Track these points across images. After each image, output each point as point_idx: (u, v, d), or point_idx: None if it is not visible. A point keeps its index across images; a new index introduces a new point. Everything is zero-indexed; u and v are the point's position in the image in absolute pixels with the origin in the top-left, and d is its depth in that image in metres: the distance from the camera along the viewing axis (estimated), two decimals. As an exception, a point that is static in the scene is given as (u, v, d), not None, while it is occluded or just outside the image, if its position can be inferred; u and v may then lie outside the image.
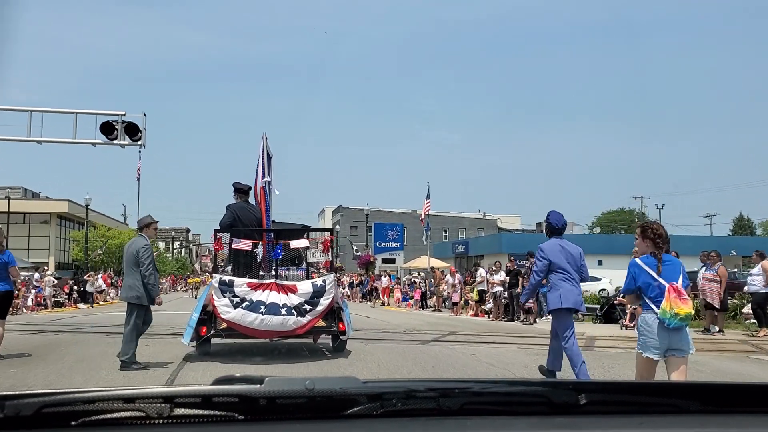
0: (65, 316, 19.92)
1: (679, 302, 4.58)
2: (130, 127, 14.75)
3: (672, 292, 4.61)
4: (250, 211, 9.30)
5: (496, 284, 18.25)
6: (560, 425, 1.17)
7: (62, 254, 47.28)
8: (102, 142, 14.87)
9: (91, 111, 15.29)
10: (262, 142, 9.65)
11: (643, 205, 61.29)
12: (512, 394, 1.22)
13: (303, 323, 8.11)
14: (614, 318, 15.79)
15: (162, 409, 1.14)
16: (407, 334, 12.77)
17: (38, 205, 47.44)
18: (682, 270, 4.84)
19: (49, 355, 9.23)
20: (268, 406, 1.17)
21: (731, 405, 1.22)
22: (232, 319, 8.03)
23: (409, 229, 49.33)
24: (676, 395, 1.26)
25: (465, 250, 44.59)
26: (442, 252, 45.67)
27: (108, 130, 14.60)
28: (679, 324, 4.61)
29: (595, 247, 33.68)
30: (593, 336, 12.40)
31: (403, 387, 1.20)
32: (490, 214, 72.21)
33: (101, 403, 1.15)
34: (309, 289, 8.30)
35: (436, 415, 1.18)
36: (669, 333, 4.62)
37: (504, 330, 14.37)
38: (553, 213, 6.88)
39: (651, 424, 1.16)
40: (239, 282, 8.24)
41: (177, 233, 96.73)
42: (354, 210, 64.53)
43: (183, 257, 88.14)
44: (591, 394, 1.20)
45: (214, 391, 1.18)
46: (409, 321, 17.41)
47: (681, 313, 4.57)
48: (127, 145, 15.03)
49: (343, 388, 1.18)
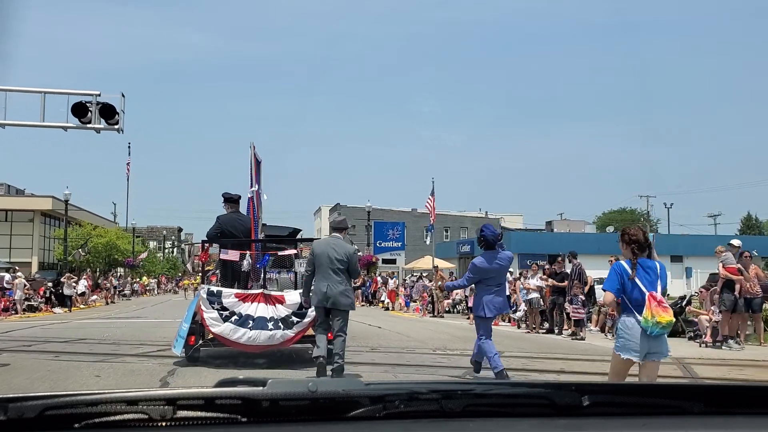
0: (27, 325, 17.55)
1: (660, 311, 4.92)
2: (106, 109, 13.55)
3: (652, 301, 4.95)
4: (239, 220, 9.69)
5: (532, 289, 16.03)
6: (563, 427, 1.22)
7: (46, 254, 47.19)
8: (74, 126, 13.70)
9: (61, 90, 14.00)
10: (251, 151, 10.07)
11: (648, 205, 61.91)
12: (515, 396, 1.27)
13: (290, 336, 8.53)
14: (680, 331, 13.21)
15: (165, 411, 1.19)
16: (441, 356, 10.52)
17: (21, 202, 47.26)
18: (661, 275, 5.15)
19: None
20: (271, 408, 1.22)
21: (734, 406, 1.28)
22: (220, 332, 8.44)
23: (409, 229, 49.28)
24: (679, 397, 1.31)
25: (470, 250, 44.49)
26: (446, 252, 45.67)
27: (81, 111, 13.37)
28: (660, 332, 4.96)
29: (608, 248, 33.65)
30: (681, 358, 9.73)
31: (406, 389, 1.25)
32: (492, 213, 72.55)
33: (104, 406, 1.20)
34: (297, 300, 8.62)
35: (439, 417, 1.23)
36: (649, 338, 4.95)
37: (558, 348, 11.96)
38: (487, 227, 7.93)
39: (654, 426, 1.21)
40: (227, 293, 8.66)
41: (169, 232, 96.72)
42: (352, 209, 64.54)
43: (174, 257, 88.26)
44: (594, 395, 1.25)
45: (217, 393, 1.24)
46: (431, 333, 15.03)
47: (662, 322, 4.91)
48: (103, 130, 13.86)
49: (345, 389, 1.24)
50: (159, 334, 13.01)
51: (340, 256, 7.44)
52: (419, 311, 24.82)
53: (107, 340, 12.42)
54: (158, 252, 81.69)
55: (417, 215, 62.88)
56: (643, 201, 61.69)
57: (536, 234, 48.06)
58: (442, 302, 23.40)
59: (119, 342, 11.84)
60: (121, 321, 18.74)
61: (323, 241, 8.27)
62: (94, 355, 9.87)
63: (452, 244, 49.78)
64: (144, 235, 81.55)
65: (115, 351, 10.30)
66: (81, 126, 13.64)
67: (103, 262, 46.53)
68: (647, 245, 5.26)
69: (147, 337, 12.74)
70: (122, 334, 13.52)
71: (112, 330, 14.85)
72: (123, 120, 13.93)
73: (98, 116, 13.56)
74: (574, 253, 15.33)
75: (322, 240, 8.52)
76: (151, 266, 63.10)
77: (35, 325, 17.50)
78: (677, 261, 37.72)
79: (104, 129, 13.83)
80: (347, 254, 7.53)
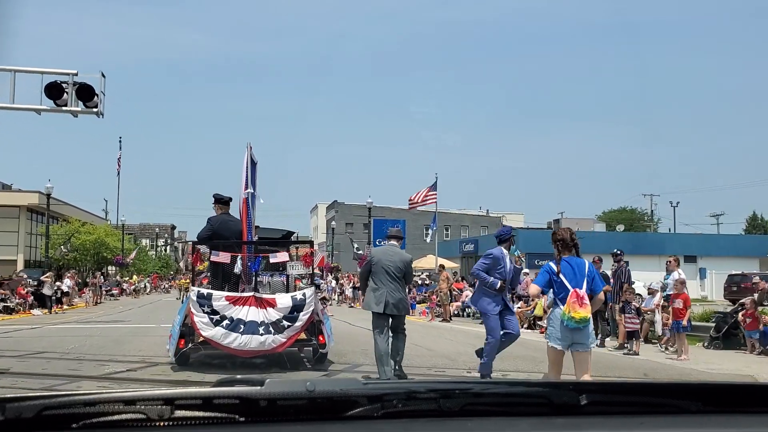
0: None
1: (578, 307, 5.60)
2: (84, 90, 12.67)
3: (573, 297, 5.65)
4: (230, 223, 9.87)
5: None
6: (561, 426, 1.27)
7: (32, 251, 47.07)
8: (48, 109, 12.83)
9: (33, 69, 13.10)
10: (247, 152, 10.15)
11: (652, 203, 62.54)
12: (513, 395, 1.33)
13: (281, 341, 8.77)
14: (734, 338, 12.94)
15: (163, 411, 1.23)
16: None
17: (5, 197, 46.85)
18: (588, 273, 5.88)
19: None
20: (269, 408, 1.26)
21: (731, 405, 1.33)
22: (211, 336, 8.66)
23: (408, 227, 49.22)
24: (677, 395, 1.36)
25: (474, 249, 44.44)
26: (448, 251, 45.64)
27: (55, 92, 12.54)
28: (575, 326, 5.65)
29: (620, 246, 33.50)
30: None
31: (404, 388, 1.31)
32: (493, 212, 72.97)
33: (102, 406, 1.24)
34: (288, 303, 8.92)
35: (437, 416, 1.28)
36: (574, 331, 5.69)
37: (610, 366, 10.26)
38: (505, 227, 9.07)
39: (651, 425, 1.27)
40: (218, 295, 8.84)
41: (162, 230, 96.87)
42: (350, 206, 64.55)
43: (167, 255, 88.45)
44: (592, 394, 1.31)
45: (215, 393, 1.28)
46: (454, 345, 13.43)
47: (576, 317, 5.60)
48: (81, 113, 13.00)
49: (343, 389, 1.28)
50: (135, 345, 12.24)
51: (398, 265, 8.18)
52: (426, 314, 23.77)
53: (70, 353, 11.09)
54: (151, 250, 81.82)
55: (416, 213, 62.84)
56: (646, 200, 62.25)
57: (544, 233, 47.99)
58: (451, 305, 22.45)
59: (83, 357, 10.61)
60: (97, 327, 17.41)
61: (382, 248, 8.86)
62: (43, 378, 8.58)
63: (454, 243, 49.75)
64: (136, 232, 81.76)
65: (73, 371, 9.23)
66: (56, 109, 12.85)
67: (92, 260, 46.48)
68: (573, 245, 6.03)
69: (119, 349, 11.64)
70: (90, 346, 12.21)
71: (81, 339, 13.44)
72: (103, 102, 13.15)
73: (75, 98, 12.75)
74: (617, 253, 14.23)
75: (381, 247, 9.09)
76: (142, 265, 63.13)
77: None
78: (691, 261, 37.63)
79: (82, 112, 13.01)
80: (404, 263, 8.29)
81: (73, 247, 43.14)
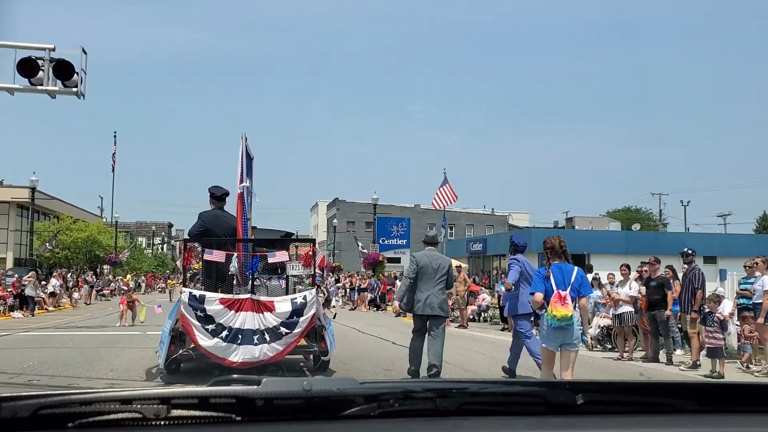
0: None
1: (559, 306, 6.24)
2: (62, 66, 11.86)
3: (555, 298, 6.30)
4: (223, 218, 9.56)
5: (624, 301, 12.88)
6: (558, 425, 1.33)
7: (23, 249, 47.05)
8: (22, 88, 11.99)
9: (6, 43, 12.21)
10: (242, 143, 9.90)
11: (661, 202, 63.02)
12: (510, 395, 1.38)
13: (279, 350, 8.49)
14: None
15: (159, 410, 1.28)
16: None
17: (-6, 192, 47.17)
18: (575, 277, 6.49)
19: None
20: (266, 407, 1.31)
21: (727, 405, 1.39)
22: (207, 347, 8.38)
23: (412, 225, 49.20)
24: (673, 395, 1.42)
25: (482, 248, 44.30)
26: (454, 250, 45.47)
27: (29, 69, 11.72)
28: (558, 324, 6.27)
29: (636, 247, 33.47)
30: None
31: (401, 388, 1.36)
32: (498, 211, 73.31)
33: (98, 405, 1.29)
34: (287, 308, 8.59)
35: (433, 415, 1.34)
36: (560, 331, 6.32)
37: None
38: (517, 236, 9.93)
39: (648, 424, 1.32)
40: (211, 298, 8.47)
41: (158, 228, 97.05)
42: (352, 204, 64.58)
43: (164, 254, 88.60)
44: (588, 394, 1.36)
45: (211, 392, 1.34)
46: (479, 358, 12.17)
47: (558, 315, 6.23)
48: (59, 93, 12.22)
49: (340, 388, 1.33)
50: (107, 363, 10.60)
51: (441, 269, 8.96)
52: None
53: (23, 374, 9.51)
54: (147, 248, 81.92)
55: (420, 211, 62.93)
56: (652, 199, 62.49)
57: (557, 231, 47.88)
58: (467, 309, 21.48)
59: (36, 380, 8.94)
60: (75, 335, 15.92)
61: (425, 254, 9.35)
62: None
63: (461, 242, 49.57)
64: (133, 230, 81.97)
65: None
66: (30, 88, 12.02)
67: (84, 258, 46.53)
68: (562, 251, 6.70)
69: (89, 367, 10.17)
70: (52, 363, 10.48)
71: (46, 353, 11.74)
72: (84, 82, 12.31)
73: (53, 76, 11.96)
74: (691, 252, 12.80)
75: (424, 253, 9.41)
76: (137, 263, 63.14)
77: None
78: (710, 262, 37.50)
79: (60, 92, 12.23)
80: (446, 267, 9.07)
81: (62, 244, 43.10)
